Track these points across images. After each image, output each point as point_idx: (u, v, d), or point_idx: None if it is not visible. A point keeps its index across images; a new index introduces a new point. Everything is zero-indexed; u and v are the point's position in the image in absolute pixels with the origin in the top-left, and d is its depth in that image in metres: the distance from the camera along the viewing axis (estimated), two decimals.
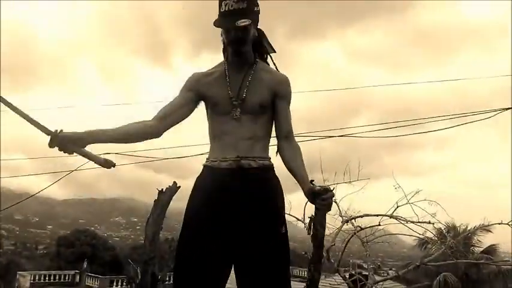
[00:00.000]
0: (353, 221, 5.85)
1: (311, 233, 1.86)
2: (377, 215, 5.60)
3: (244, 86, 1.94)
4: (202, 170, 2.00)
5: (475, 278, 16.79)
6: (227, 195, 1.87)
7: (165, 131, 1.95)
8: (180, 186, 9.13)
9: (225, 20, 1.87)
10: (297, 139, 2.11)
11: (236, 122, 1.92)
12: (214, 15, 1.92)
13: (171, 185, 9.06)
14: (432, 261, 6.04)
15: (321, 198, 1.79)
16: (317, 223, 1.85)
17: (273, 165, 2.01)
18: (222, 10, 1.87)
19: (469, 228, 17.03)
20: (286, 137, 2.00)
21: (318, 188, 1.81)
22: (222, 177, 1.90)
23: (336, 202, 5.60)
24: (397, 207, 5.37)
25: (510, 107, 6.02)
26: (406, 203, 5.27)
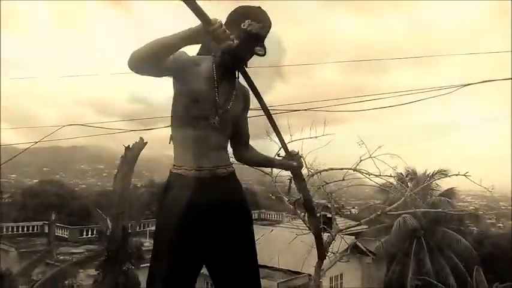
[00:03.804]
0: (318, 174, 6.03)
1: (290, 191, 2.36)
2: (341, 169, 5.80)
3: (230, 98, 1.97)
4: (174, 177, 1.99)
5: (432, 216, 17.80)
6: (205, 203, 1.93)
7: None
8: (146, 142, 9.11)
9: (258, 43, 1.91)
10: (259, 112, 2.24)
11: (211, 130, 1.94)
12: None
13: (137, 141, 9.03)
14: (393, 210, 6.34)
15: (297, 161, 2.28)
16: (297, 179, 2.57)
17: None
18: (254, 30, 1.89)
19: (428, 172, 17.85)
20: (246, 143, 2.22)
21: (291, 153, 2.28)
22: (200, 187, 1.93)
23: (302, 156, 5.73)
24: (360, 161, 5.57)
25: (470, 83, 6.28)
26: (369, 157, 5.45)
